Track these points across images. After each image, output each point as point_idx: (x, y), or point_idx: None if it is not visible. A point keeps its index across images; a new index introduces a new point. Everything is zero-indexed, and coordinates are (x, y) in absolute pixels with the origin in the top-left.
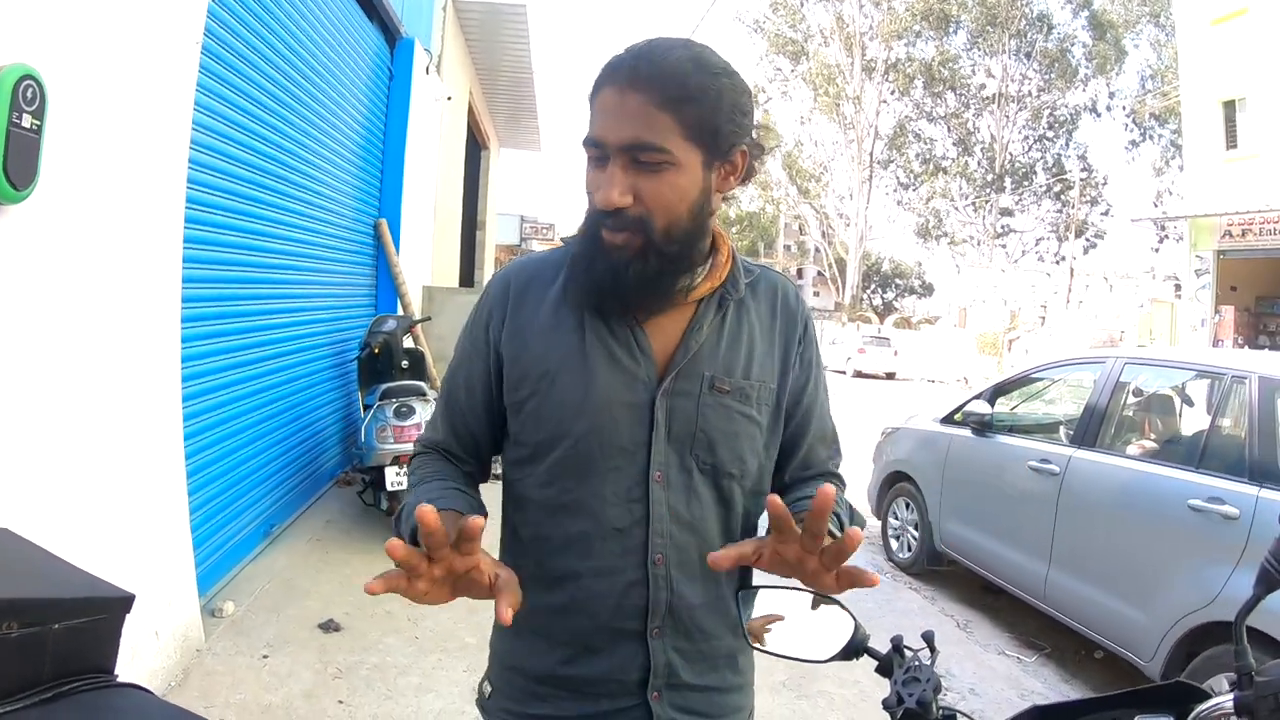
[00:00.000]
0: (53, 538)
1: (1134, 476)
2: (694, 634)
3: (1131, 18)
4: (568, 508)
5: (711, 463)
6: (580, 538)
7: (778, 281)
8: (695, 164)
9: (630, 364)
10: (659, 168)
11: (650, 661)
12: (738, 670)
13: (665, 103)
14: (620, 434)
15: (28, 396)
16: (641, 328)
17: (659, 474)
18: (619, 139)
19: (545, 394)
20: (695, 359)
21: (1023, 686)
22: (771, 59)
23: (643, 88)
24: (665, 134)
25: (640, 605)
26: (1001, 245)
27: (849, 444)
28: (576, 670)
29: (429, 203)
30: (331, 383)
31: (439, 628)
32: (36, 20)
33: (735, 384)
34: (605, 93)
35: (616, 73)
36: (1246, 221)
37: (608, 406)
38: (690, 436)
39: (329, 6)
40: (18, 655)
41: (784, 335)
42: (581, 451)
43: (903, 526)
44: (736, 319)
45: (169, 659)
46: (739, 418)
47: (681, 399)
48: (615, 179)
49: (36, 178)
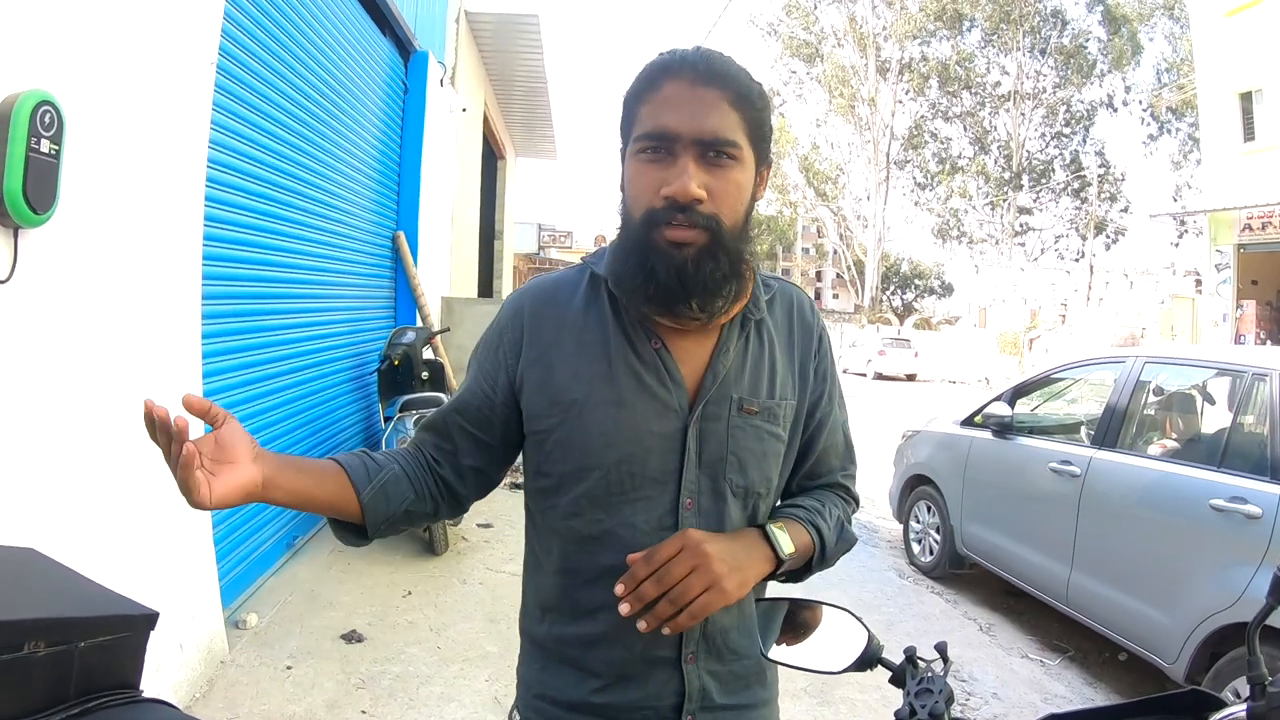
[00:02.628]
0: (77, 553)
1: (1155, 477)
2: (726, 656)
3: (1145, 11)
4: (598, 539)
5: (744, 485)
6: (612, 570)
7: (793, 295)
8: (751, 166)
9: (661, 391)
10: (728, 164)
11: (685, 687)
12: (765, 685)
13: (737, 100)
14: (651, 464)
15: (52, 415)
16: (669, 352)
17: (689, 501)
18: (696, 130)
19: (574, 423)
20: (723, 383)
21: (1046, 690)
22: (786, 61)
23: (717, 83)
24: (737, 131)
25: (675, 634)
26: (1020, 244)
27: (871, 447)
28: (610, 699)
29: (446, 214)
30: (352, 395)
31: (461, 637)
32: (53, 46)
33: (763, 404)
34: (671, 86)
35: (683, 67)
36: (1266, 214)
37: (639, 437)
38: (722, 460)
39: (342, 23)
40: (45, 673)
41: (801, 350)
42: (612, 482)
43: (924, 530)
44: (759, 339)
45: (193, 671)
46: (768, 438)
47: (712, 424)
48: (691, 171)
49: (56, 201)
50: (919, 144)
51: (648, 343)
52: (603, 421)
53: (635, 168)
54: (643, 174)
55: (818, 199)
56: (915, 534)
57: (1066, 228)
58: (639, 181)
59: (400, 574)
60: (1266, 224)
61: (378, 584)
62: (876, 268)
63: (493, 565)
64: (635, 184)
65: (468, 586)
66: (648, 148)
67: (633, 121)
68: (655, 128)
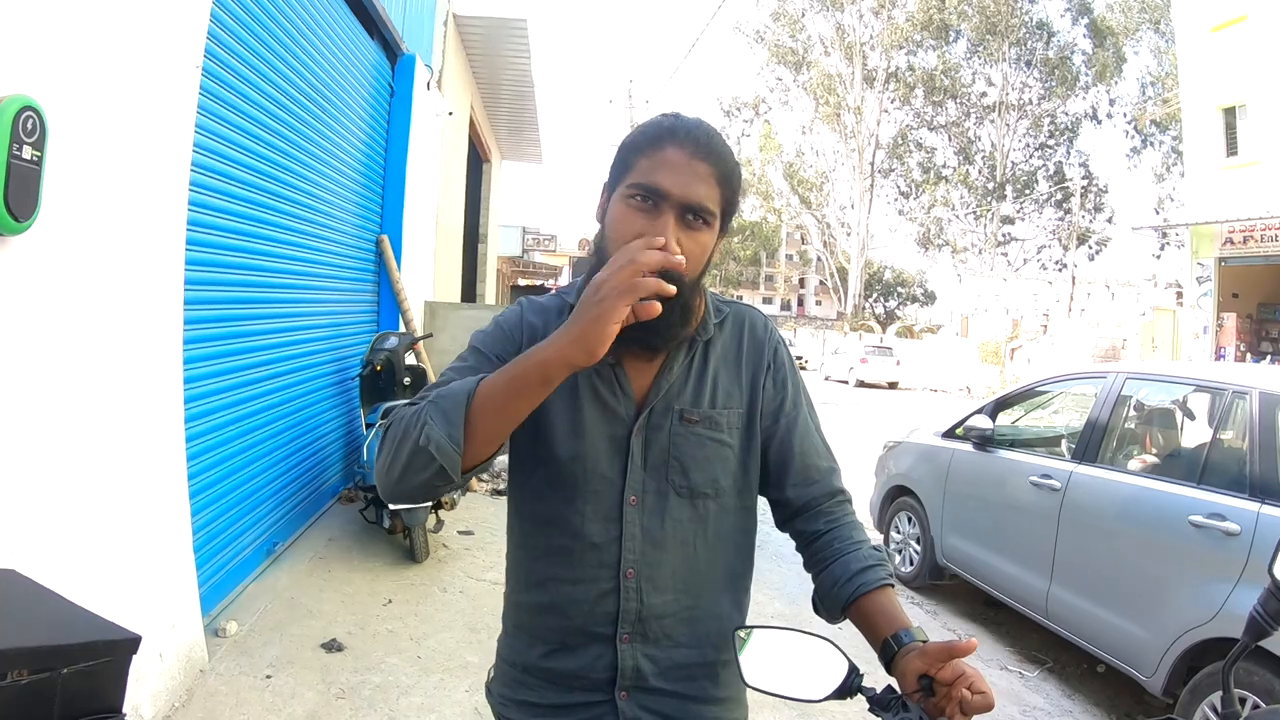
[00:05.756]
0: (57, 561)
1: (1135, 492)
2: (662, 642)
3: (1131, 25)
4: (553, 521)
5: (687, 485)
6: (561, 548)
7: (746, 315)
8: (716, 230)
9: (612, 401)
10: (701, 228)
11: (618, 663)
12: (718, 684)
13: (721, 178)
14: (600, 462)
15: (30, 419)
16: (624, 369)
17: (634, 498)
18: (686, 197)
19: (541, 419)
20: (666, 396)
21: (1024, 702)
22: (772, 69)
23: (710, 160)
24: (714, 203)
25: (610, 612)
26: (1003, 253)
27: (852, 456)
28: (554, 664)
29: (431, 218)
30: (333, 401)
31: (441, 647)
32: (35, 50)
33: (704, 414)
34: (672, 150)
35: (686, 138)
36: (1248, 228)
37: (590, 439)
38: (665, 464)
39: (329, 25)
40: (28, 700)
41: (751, 363)
42: (567, 473)
43: (905, 540)
44: (704, 357)
45: (173, 680)
46: (710, 443)
47: (656, 431)
48: (671, 228)
49: (38, 209)
50: (904, 153)
51: (606, 360)
52: (562, 422)
53: (622, 210)
54: (627, 217)
55: (802, 206)
56: (895, 544)
57: (1049, 238)
58: (623, 224)
59: (380, 582)
60: (1248, 238)
61: (358, 592)
62: (860, 275)
63: (474, 574)
64: (619, 224)
65: (448, 595)
66: (638, 195)
67: (628, 168)
68: (651, 183)
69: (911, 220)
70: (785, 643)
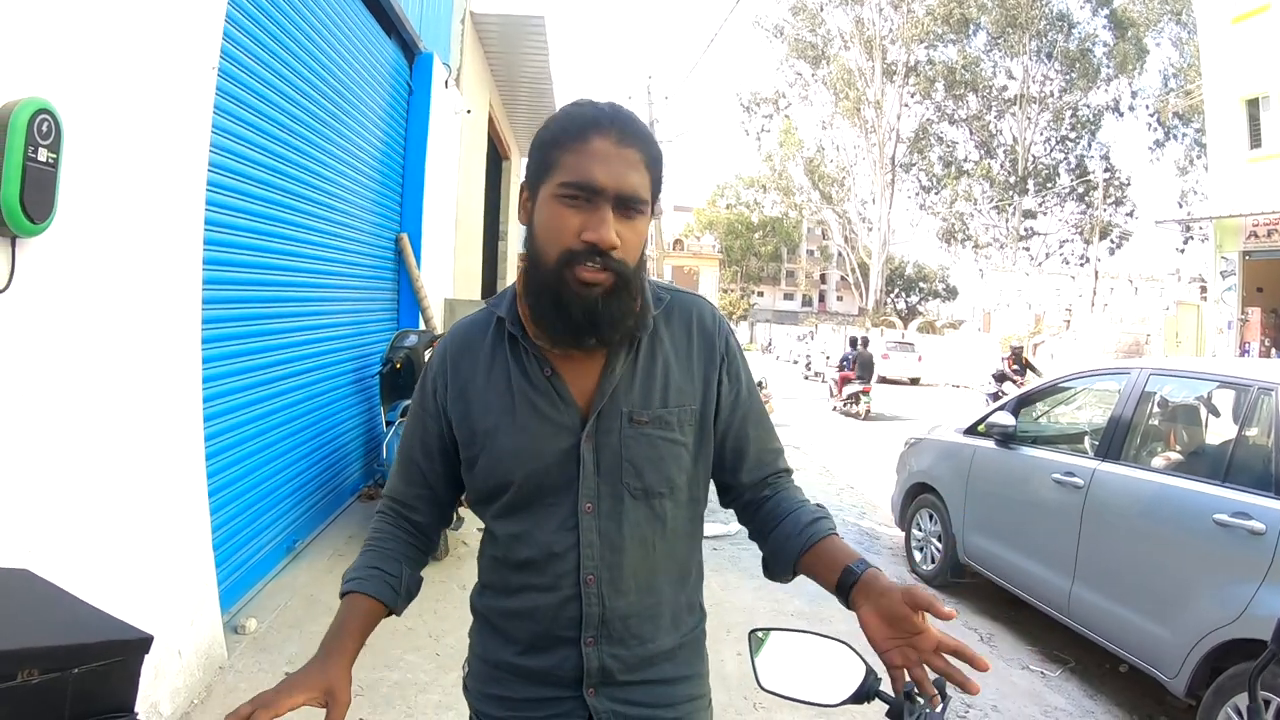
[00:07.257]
0: (76, 558)
1: (1159, 490)
2: (629, 641)
3: (1152, 16)
4: (519, 537)
5: (642, 487)
6: (529, 561)
7: (692, 305)
8: (649, 216)
9: (554, 414)
10: (636, 217)
11: (584, 664)
12: (676, 663)
13: (649, 162)
14: (553, 476)
15: (50, 423)
16: (560, 377)
17: (589, 505)
18: (619, 187)
19: (490, 449)
20: (612, 398)
21: (1045, 702)
22: (792, 63)
23: (637, 145)
24: (646, 190)
25: (574, 617)
26: (1025, 248)
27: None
28: (525, 662)
29: (450, 215)
30: (353, 399)
31: (459, 645)
32: (51, 53)
33: (654, 414)
34: (598, 141)
35: (610, 126)
36: (1272, 222)
37: (539, 455)
38: (618, 467)
39: (346, 25)
40: (39, 700)
41: (703, 356)
42: (524, 494)
43: (926, 538)
44: (650, 352)
45: (192, 676)
46: (661, 443)
47: (605, 436)
48: (610, 221)
49: (54, 211)
50: (924, 147)
51: (541, 372)
52: (510, 446)
53: (554, 209)
54: (561, 216)
55: (823, 201)
56: (917, 542)
57: (1071, 232)
58: (557, 223)
59: None
60: (1272, 231)
61: None
62: (881, 271)
63: None
64: (552, 225)
65: (467, 593)
66: (571, 194)
67: (552, 164)
68: (583, 179)
69: (933, 215)
70: (801, 646)
